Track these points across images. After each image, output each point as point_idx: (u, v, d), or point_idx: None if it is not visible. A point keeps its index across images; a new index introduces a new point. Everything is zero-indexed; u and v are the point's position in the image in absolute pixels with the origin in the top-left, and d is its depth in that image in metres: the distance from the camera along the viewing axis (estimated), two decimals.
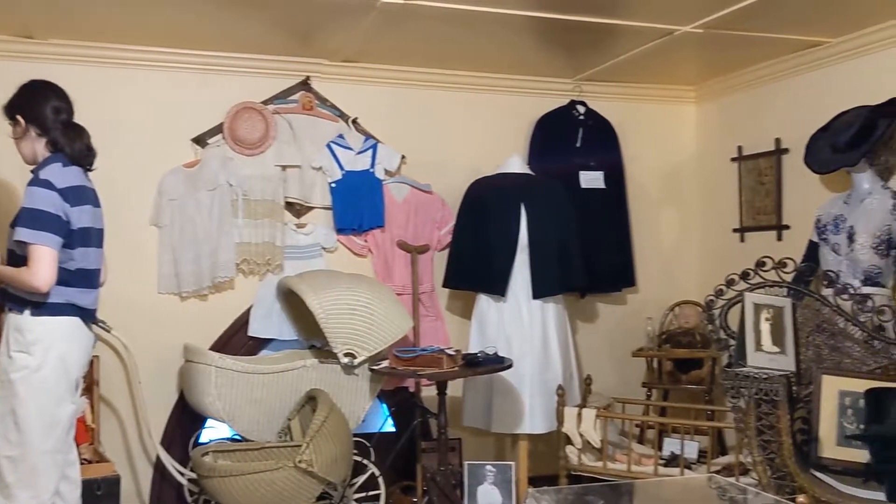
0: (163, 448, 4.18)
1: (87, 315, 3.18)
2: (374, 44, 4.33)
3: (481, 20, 3.89)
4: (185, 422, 4.37)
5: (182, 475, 4.12)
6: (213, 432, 4.41)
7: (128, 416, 4.38)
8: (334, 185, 4.69)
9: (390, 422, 4.64)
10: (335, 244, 4.74)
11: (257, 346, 4.53)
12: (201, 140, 4.54)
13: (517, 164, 4.66)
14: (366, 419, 4.31)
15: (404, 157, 4.86)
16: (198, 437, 4.38)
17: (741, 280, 3.62)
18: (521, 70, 4.93)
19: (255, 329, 4.51)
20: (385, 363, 4.05)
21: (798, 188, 4.59)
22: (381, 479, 4.25)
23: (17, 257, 3.05)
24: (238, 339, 4.52)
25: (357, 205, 4.70)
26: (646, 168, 5.37)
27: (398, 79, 4.84)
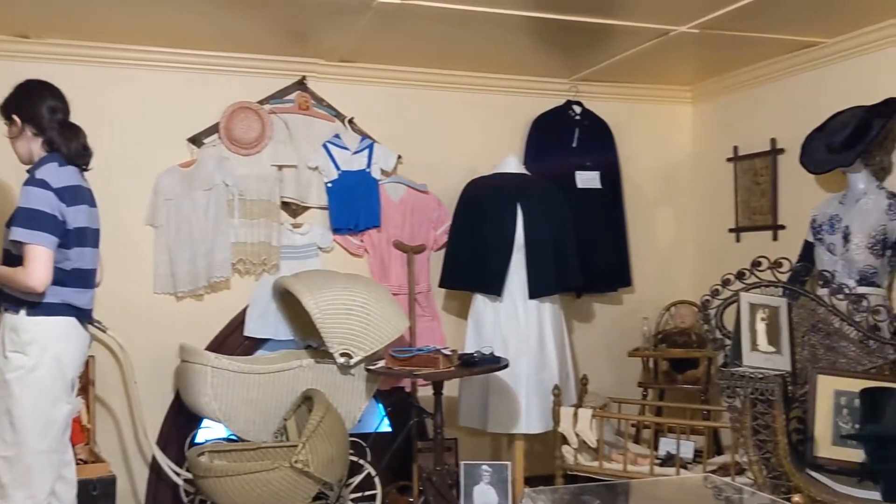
0: (159, 448, 4.17)
1: (83, 315, 3.18)
2: (371, 44, 4.33)
3: (477, 20, 3.89)
4: (181, 422, 4.37)
5: (178, 475, 4.12)
6: (209, 432, 4.41)
7: (124, 417, 4.37)
8: (330, 184, 4.69)
9: (386, 422, 4.64)
10: (331, 244, 4.74)
11: (253, 346, 4.53)
12: (197, 140, 4.53)
13: (513, 164, 4.66)
14: (362, 419, 4.32)
15: (400, 156, 4.86)
16: (194, 438, 4.38)
17: (737, 280, 3.63)
18: (518, 70, 4.93)
19: (251, 329, 4.51)
20: (381, 363, 4.05)
21: (794, 188, 4.59)
22: (377, 480, 4.25)
23: (13, 257, 3.04)
24: (234, 339, 4.52)
25: (353, 205, 4.70)
26: (642, 168, 5.37)
27: (394, 79, 4.84)
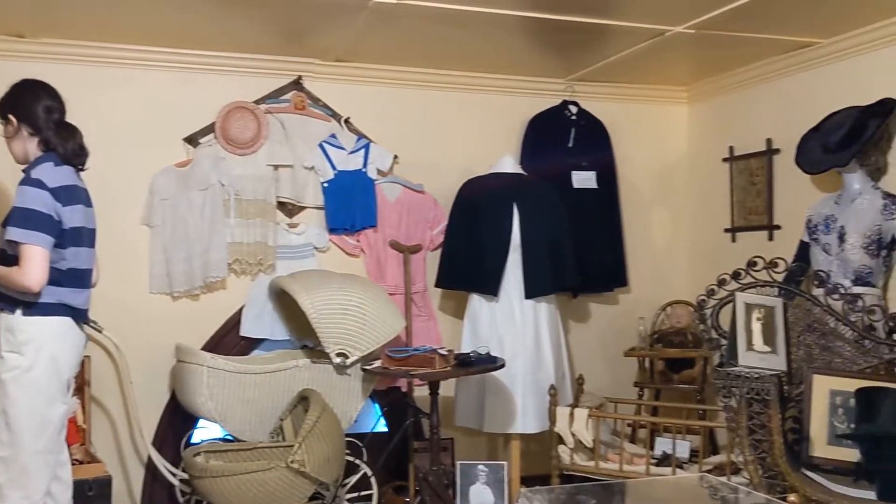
0: (154, 448, 4.16)
1: (79, 315, 3.17)
2: (367, 43, 4.33)
3: (473, 20, 3.89)
4: (177, 422, 4.36)
5: (174, 476, 4.11)
6: (204, 432, 4.40)
7: (119, 417, 4.37)
8: (326, 184, 4.68)
9: (382, 422, 4.64)
10: (327, 244, 4.74)
11: (249, 346, 4.53)
12: (193, 139, 4.52)
13: (509, 164, 4.66)
14: (358, 419, 4.31)
15: (397, 156, 4.86)
16: (189, 438, 4.37)
17: (732, 280, 3.64)
18: (514, 70, 4.93)
19: (246, 329, 4.51)
20: (377, 363, 4.04)
21: (789, 188, 4.60)
22: (373, 479, 4.25)
23: (9, 257, 3.03)
24: (230, 339, 4.51)
25: (349, 205, 4.70)
26: (638, 168, 5.38)
27: (390, 78, 4.84)
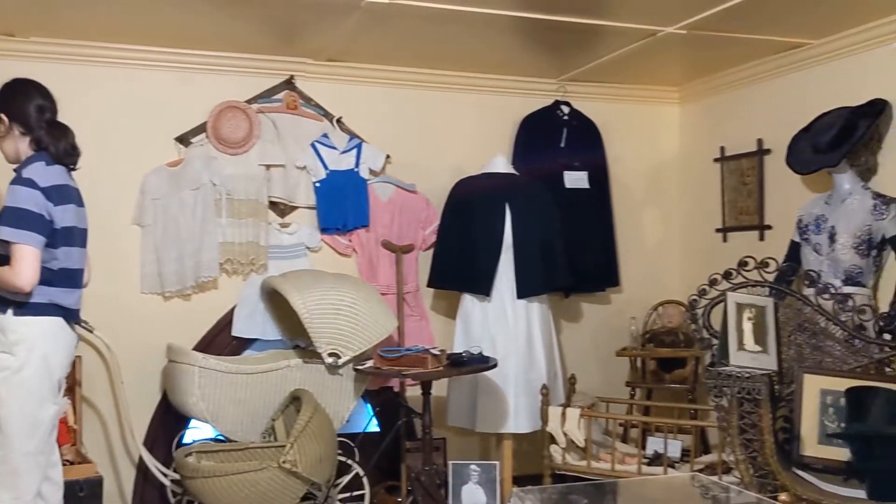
0: (146, 449, 4.16)
1: (71, 315, 3.16)
2: (359, 43, 4.33)
3: (466, 20, 3.89)
4: (169, 422, 4.35)
5: (165, 476, 4.10)
6: (196, 433, 4.39)
7: (110, 417, 4.35)
8: (318, 184, 4.68)
9: (375, 422, 4.63)
10: (319, 244, 4.73)
11: (241, 346, 4.52)
12: (185, 139, 4.51)
13: (502, 164, 4.66)
14: (350, 419, 4.31)
15: (389, 156, 4.86)
16: (181, 438, 4.36)
17: (724, 280, 3.65)
18: (506, 70, 4.94)
19: (238, 329, 4.50)
20: (370, 363, 4.04)
21: (780, 188, 4.62)
22: (365, 479, 4.25)
23: (0, 257, 3.02)
24: (222, 339, 4.51)
25: (341, 204, 4.69)
26: (629, 168, 5.39)
27: (383, 78, 4.83)
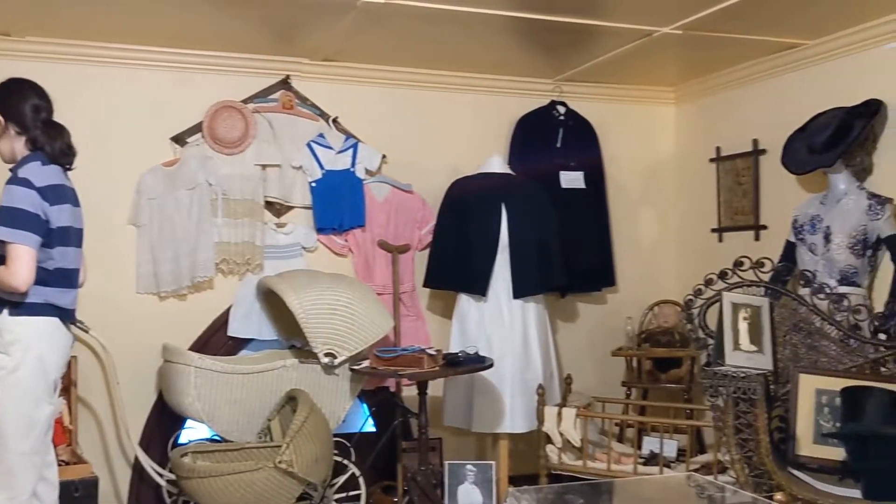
0: (141, 449, 4.15)
1: (66, 315, 3.15)
2: (355, 43, 4.32)
3: (462, 20, 3.89)
4: (164, 422, 4.35)
5: (161, 476, 4.09)
6: (192, 433, 4.39)
7: (106, 417, 4.34)
8: (314, 184, 4.68)
9: (371, 422, 4.63)
10: (315, 244, 4.73)
11: (237, 346, 4.51)
12: (180, 139, 4.51)
13: (498, 164, 4.66)
14: (346, 419, 4.31)
15: (385, 156, 4.86)
16: (177, 438, 4.35)
17: (719, 280, 3.65)
18: (502, 70, 4.94)
19: (234, 329, 4.50)
20: (366, 363, 4.04)
21: (775, 189, 4.62)
22: (361, 480, 4.25)
23: None
24: (217, 339, 4.50)
25: (337, 204, 4.69)
26: (625, 168, 5.39)
27: (379, 78, 4.83)
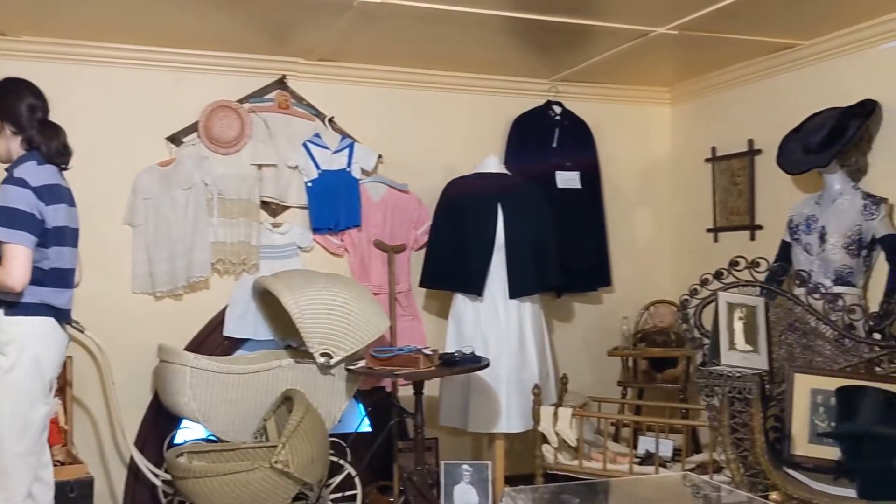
0: (137, 449, 4.14)
1: (62, 315, 3.15)
2: (351, 43, 4.32)
3: (458, 20, 3.90)
4: (160, 423, 4.34)
5: (156, 476, 4.09)
6: (187, 433, 4.38)
7: (101, 417, 4.34)
8: (310, 184, 4.67)
9: (367, 422, 4.63)
10: (311, 244, 4.73)
11: (233, 346, 4.51)
12: (176, 139, 4.50)
13: (494, 164, 4.67)
14: (342, 419, 4.30)
15: (381, 156, 4.86)
16: (172, 438, 4.35)
17: (715, 279, 3.66)
18: (498, 70, 4.94)
19: (230, 329, 4.49)
20: (362, 363, 4.04)
21: (771, 189, 4.63)
22: (357, 480, 4.24)
23: None
24: (213, 339, 4.49)
25: (333, 204, 4.69)
26: (621, 168, 5.40)
27: (375, 78, 4.83)
